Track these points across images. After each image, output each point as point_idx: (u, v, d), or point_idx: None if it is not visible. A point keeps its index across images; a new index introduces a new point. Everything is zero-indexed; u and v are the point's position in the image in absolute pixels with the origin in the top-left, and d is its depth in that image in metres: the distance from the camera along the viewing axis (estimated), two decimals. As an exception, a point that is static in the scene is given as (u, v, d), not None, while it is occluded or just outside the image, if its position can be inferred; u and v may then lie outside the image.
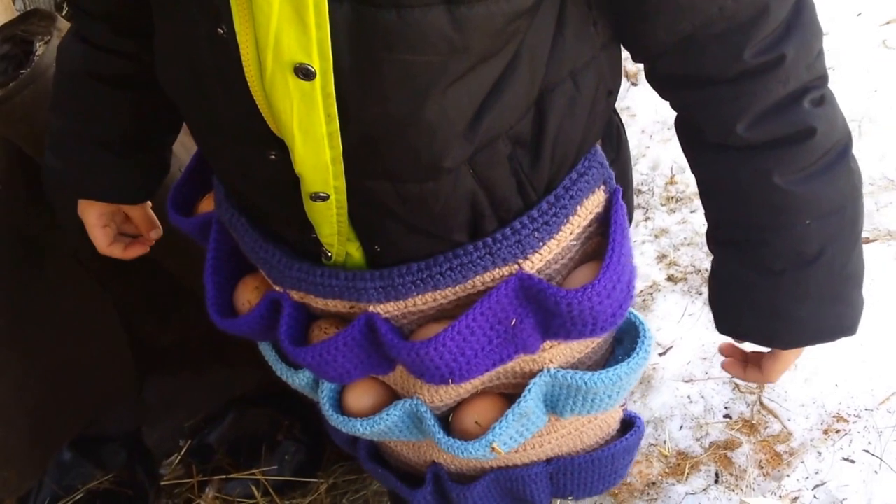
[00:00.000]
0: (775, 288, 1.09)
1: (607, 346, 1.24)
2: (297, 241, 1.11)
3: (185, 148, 1.57)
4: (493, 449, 1.14)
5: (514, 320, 1.06)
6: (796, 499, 1.97)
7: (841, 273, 1.09)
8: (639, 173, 2.94)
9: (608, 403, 1.19)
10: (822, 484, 1.99)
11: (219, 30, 0.87)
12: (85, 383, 2.16)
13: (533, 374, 1.16)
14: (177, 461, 2.39)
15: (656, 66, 1.05)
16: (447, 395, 1.18)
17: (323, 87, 0.86)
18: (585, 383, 1.14)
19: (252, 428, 2.36)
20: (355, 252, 1.08)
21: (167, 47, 1.02)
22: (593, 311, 1.04)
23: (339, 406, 1.25)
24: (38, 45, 1.52)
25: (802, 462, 2.03)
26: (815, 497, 1.96)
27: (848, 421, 2.10)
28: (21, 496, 2.24)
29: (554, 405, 1.20)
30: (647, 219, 2.79)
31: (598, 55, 1.03)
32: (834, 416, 2.12)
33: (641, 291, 2.53)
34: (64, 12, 3.18)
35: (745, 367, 1.25)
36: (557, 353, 1.16)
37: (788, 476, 2.01)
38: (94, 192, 1.36)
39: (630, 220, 1.21)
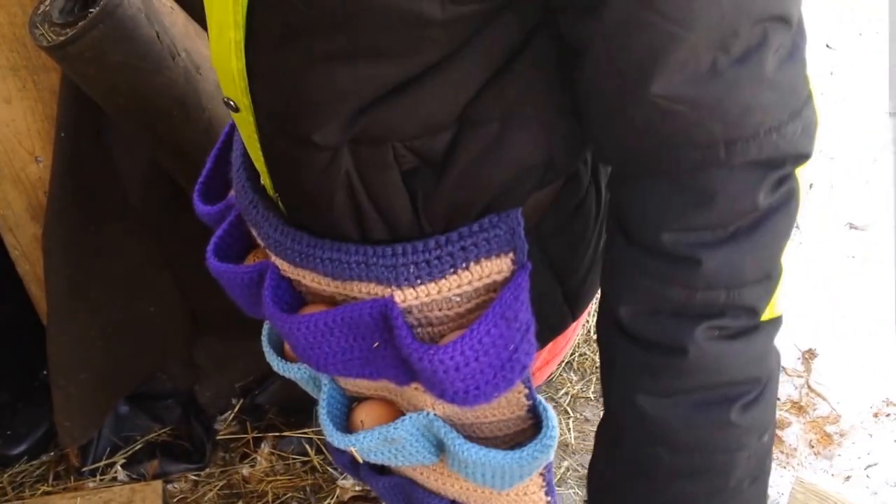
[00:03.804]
0: (620, 493, 0.93)
1: (519, 428, 1.04)
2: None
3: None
4: (352, 452, 1.07)
5: (377, 343, 0.96)
6: (849, 477, 1.89)
7: None
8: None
9: (485, 481, 1.05)
10: (875, 464, 1.91)
11: None
12: (142, 339, 2.13)
13: (417, 409, 1.04)
14: (231, 418, 2.37)
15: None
16: (343, 380, 1.11)
17: None
18: (455, 446, 1.01)
19: (301, 392, 2.28)
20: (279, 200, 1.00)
21: None
22: (436, 376, 0.90)
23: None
24: (106, -17, 1.46)
25: (853, 443, 1.96)
26: (867, 476, 1.88)
27: (898, 404, 2.02)
28: (82, 445, 2.24)
29: (443, 452, 1.07)
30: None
31: (554, 118, 0.87)
32: (884, 401, 2.03)
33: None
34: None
35: None
36: (439, 402, 1.01)
37: (840, 455, 1.93)
38: None
39: (578, 310, 1.08)
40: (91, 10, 1.41)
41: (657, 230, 0.79)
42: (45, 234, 1.84)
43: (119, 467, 2.25)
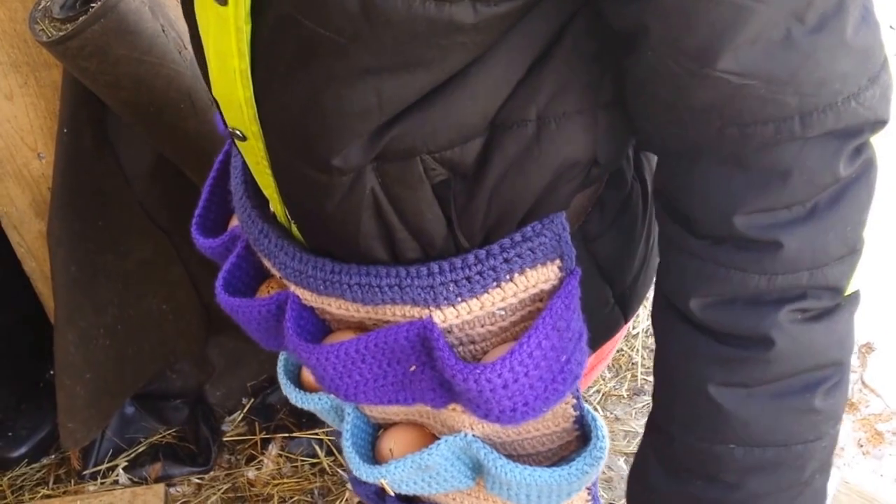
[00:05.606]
0: (672, 497, 0.89)
1: (564, 441, 1.01)
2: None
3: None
4: (382, 485, 1.03)
5: (414, 366, 0.92)
6: (900, 479, 1.83)
7: None
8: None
9: (529, 502, 1.01)
10: (929, 466, 1.86)
11: None
12: (153, 337, 2.12)
13: (453, 431, 1.00)
14: (239, 418, 2.36)
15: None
16: (370, 408, 1.06)
17: (235, 19, 0.76)
18: (497, 468, 0.96)
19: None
20: (293, 227, 0.97)
21: None
22: (482, 395, 0.86)
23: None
24: (108, -22, 1.44)
25: (906, 442, 1.90)
26: (920, 479, 1.83)
27: (957, 401, 1.99)
28: (84, 447, 2.23)
29: (480, 474, 1.04)
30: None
31: (595, 112, 0.83)
32: (942, 399, 1.99)
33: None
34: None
35: None
36: (478, 421, 0.97)
37: (891, 455, 1.90)
38: None
39: (631, 311, 1.04)
40: (93, 4, 1.41)
41: (727, 216, 0.76)
42: (50, 230, 1.84)
43: (121, 470, 2.24)
